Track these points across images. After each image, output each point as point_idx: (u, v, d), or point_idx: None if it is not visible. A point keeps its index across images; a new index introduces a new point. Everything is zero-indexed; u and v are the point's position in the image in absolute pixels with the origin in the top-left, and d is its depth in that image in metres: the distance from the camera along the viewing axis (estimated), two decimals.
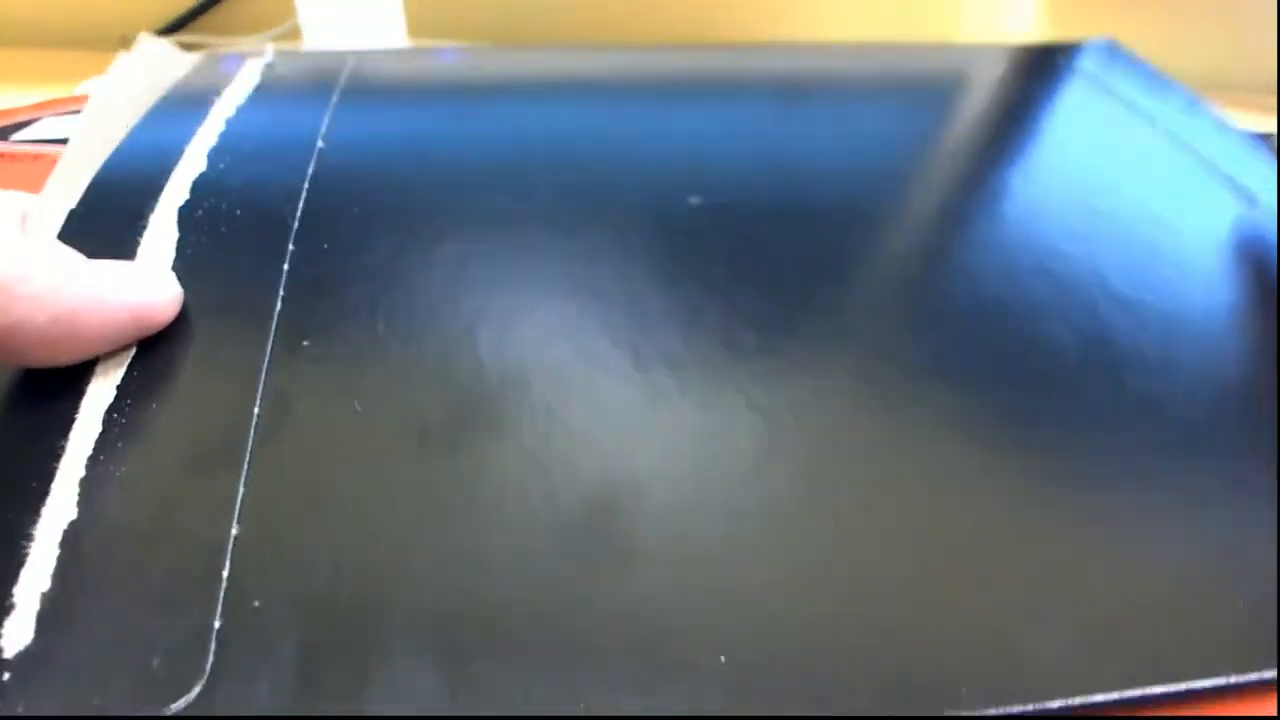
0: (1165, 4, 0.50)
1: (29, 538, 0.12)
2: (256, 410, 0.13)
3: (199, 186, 0.18)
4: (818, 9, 0.50)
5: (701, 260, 0.17)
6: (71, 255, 0.14)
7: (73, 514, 0.12)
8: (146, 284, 0.15)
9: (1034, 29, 0.51)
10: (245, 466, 0.12)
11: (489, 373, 0.15)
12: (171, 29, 0.45)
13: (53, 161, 0.29)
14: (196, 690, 0.10)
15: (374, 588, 0.11)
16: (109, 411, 0.13)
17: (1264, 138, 0.34)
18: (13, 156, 0.29)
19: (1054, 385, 0.15)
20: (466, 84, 0.24)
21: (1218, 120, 0.26)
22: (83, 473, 0.12)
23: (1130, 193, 0.21)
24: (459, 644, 0.11)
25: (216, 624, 0.11)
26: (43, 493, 0.12)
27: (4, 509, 0.12)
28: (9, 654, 0.10)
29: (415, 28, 0.41)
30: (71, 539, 0.12)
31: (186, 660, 0.10)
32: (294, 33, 0.41)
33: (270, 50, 0.25)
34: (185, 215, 0.17)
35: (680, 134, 0.21)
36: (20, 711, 0.10)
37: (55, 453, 0.13)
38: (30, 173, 0.28)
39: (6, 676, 0.10)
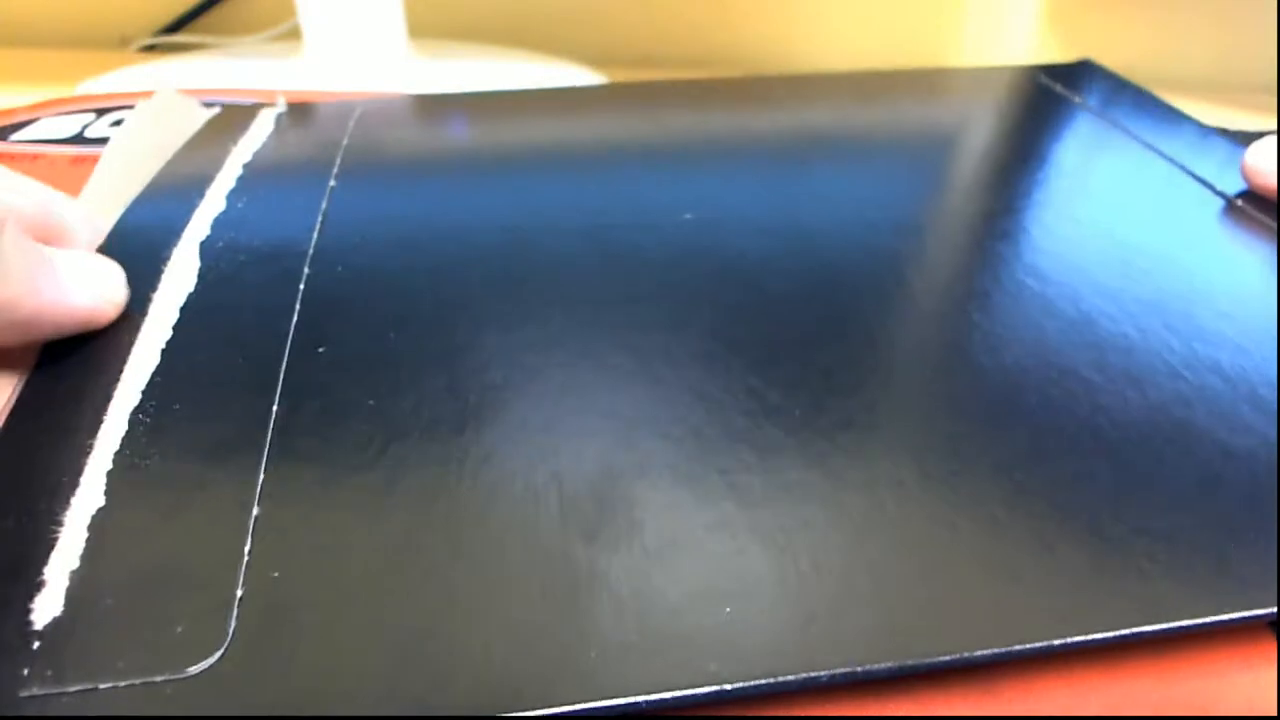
0: (1165, 4, 0.50)
1: (59, 524, 0.12)
2: (275, 407, 0.15)
3: (219, 224, 0.20)
4: (817, 12, 0.50)
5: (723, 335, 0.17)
6: (29, 262, 0.15)
7: (100, 502, 0.13)
8: (96, 292, 0.17)
9: (1035, 31, 0.51)
10: (265, 455, 0.14)
11: (493, 370, 0.16)
12: (171, 29, 0.45)
13: (52, 161, 0.29)
14: (219, 653, 0.11)
15: (386, 556, 0.12)
16: (134, 413, 0.14)
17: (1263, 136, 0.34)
18: (12, 156, 0.29)
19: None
20: (469, 161, 0.24)
21: (1230, 149, 0.26)
22: (110, 466, 0.13)
23: (1162, 243, 0.21)
24: (486, 589, 0.12)
25: (239, 593, 0.12)
26: (72, 485, 0.13)
27: (35, 500, 0.13)
28: (39, 625, 0.11)
29: (415, 28, 0.41)
30: (99, 524, 0.13)
31: (209, 626, 0.11)
32: (294, 33, 0.41)
33: (282, 101, 0.27)
34: (206, 246, 0.19)
35: (689, 206, 0.21)
36: (49, 675, 0.11)
37: (84, 450, 0.14)
38: (30, 173, 0.28)
39: (37, 645, 0.11)
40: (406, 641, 0.11)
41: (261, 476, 0.13)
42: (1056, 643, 0.12)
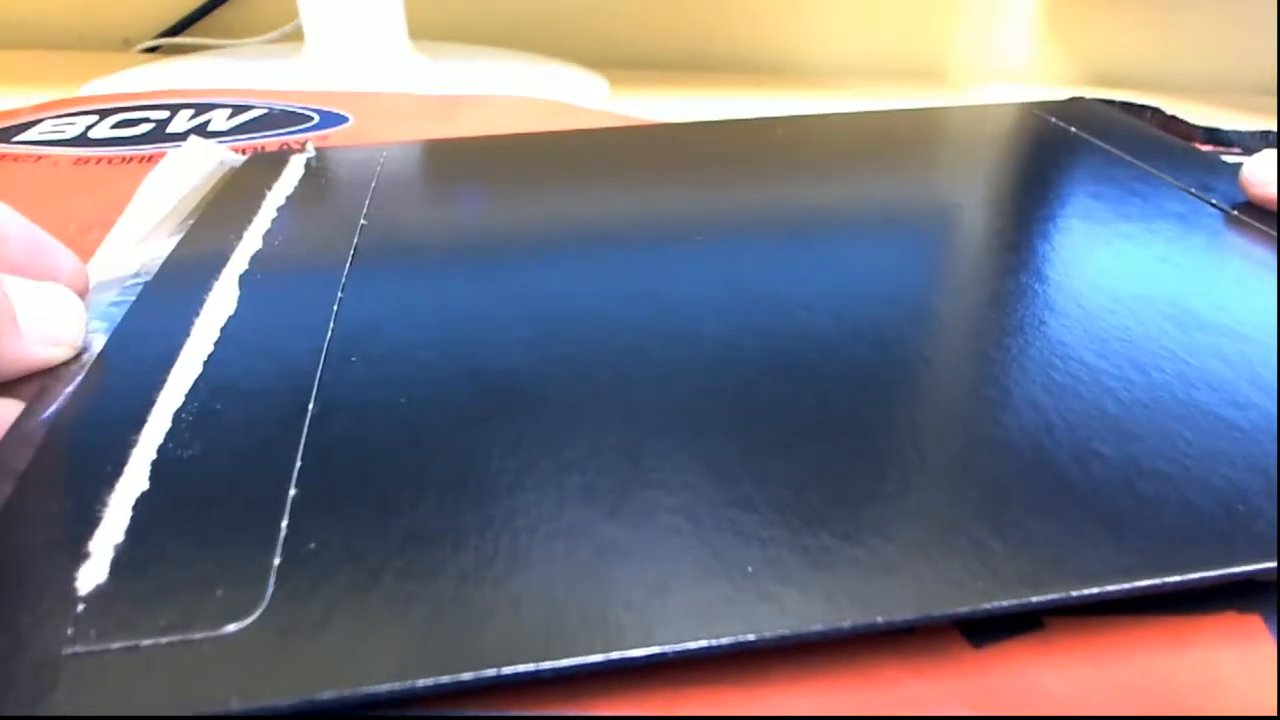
0: (1165, 5, 0.50)
1: (104, 504, 0.14)
2: (310, 405, 0.16)
3: (256, 259, 0.22)
4: (816, 13, 0.50)
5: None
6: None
7: (144, 486, 0.14)
8: (54, 344, 0.17)
9: (1032, 34, 0.51)
10: (301, 445, 0.15)
11: (521, 368, 0.17)
12: (174, 31, 0.45)
13: (55, 163, 0.30)
14: (257, 613, 0.12)
15: (417, 527, 0.13)
16: (178, 412, 0.16)
17: (1263, 135, 0.34)
18: (15, 158, 0.30)
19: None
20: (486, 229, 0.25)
21: (1222, 165, 0.27)
22: (154, 456, 0.15)
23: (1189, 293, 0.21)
24: (499, 573, 0.13)
25: (275, 561, 0.13)
26: (117, 473, 0.14)
27: (82, 485, 0.14)
28: (83, 591, 0.12)
29: (416, 29, 0.41)
30: (143, 504, 0.14)
31: (247, 590, 0.12)
32: (296, 34, 0.41)
33: (311, 146, 0.29)
34: (245, 278, 0.21)
35: (695, 293, 0.21)
36: (92, 634, 0.11)
37: (129, 443, 0.15)
38: (33, 174, 0.28)
39: (81, 608, 0.12)
40: (434, 612, 0.12)
41: (298, 463, 0.14)
42: (1075, 595, 0.13)
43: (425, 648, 0.12)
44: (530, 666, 0.11)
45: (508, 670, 0.11)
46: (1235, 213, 0.24)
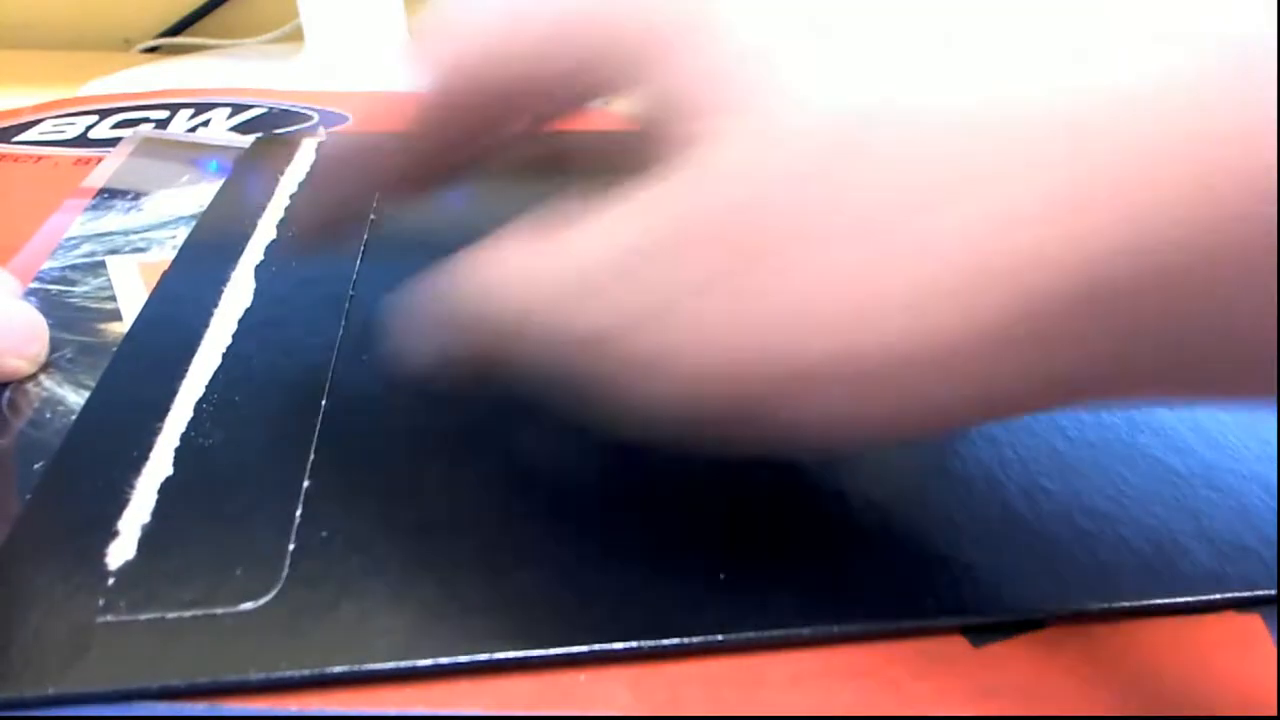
0: None
1: (131, 487, 0.15)
2: (324, 401, 0.17)
3: (271, 249, 0.23)
4: None
5: None
6: None
7: (169, 472, 0.15)
8: (20, 357, 0.18)
9: None
10: (315, 437, 0.16)
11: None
12: (174, 31, 0.45)
13: (55, 163, 0.30)
14: (273, 593, 0.13)
15: (421, 519, 0.14)
16: (199, 402, 0.17)
17: None
18: (15, 158, 0.30)
19: None
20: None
21: None
22: (177, 444, 0.16)
23: None
24: (497, 563, 0.14)
25: (291, 546, 0.14)
26: (142, 459, 0.15)
27: (110, 470, 0.15)
28: (113, 566, 0.13)
29: (416, 30, 0.41)
30: (168, 489, 0.15)
31: (264, 571, 0.13)
32: (296, 34, 0.41)
33: (323, 131, 0.30)
34: (260, 269, 0.22)
35: None
36: (122, 605, 0.13)
37: (153, 431, 0.16)
38: (33, 174, 0.28)
39: (111, 581, 0.13)
40: (430, 601, 0.13)
41: (312, 456, 0.15)
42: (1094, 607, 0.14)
43: (426, 631, 0.13)
44: (518, 654, 0.12)
45: (500, 656, 0.12)
46: None
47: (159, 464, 0.15)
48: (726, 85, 0.11)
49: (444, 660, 0.12)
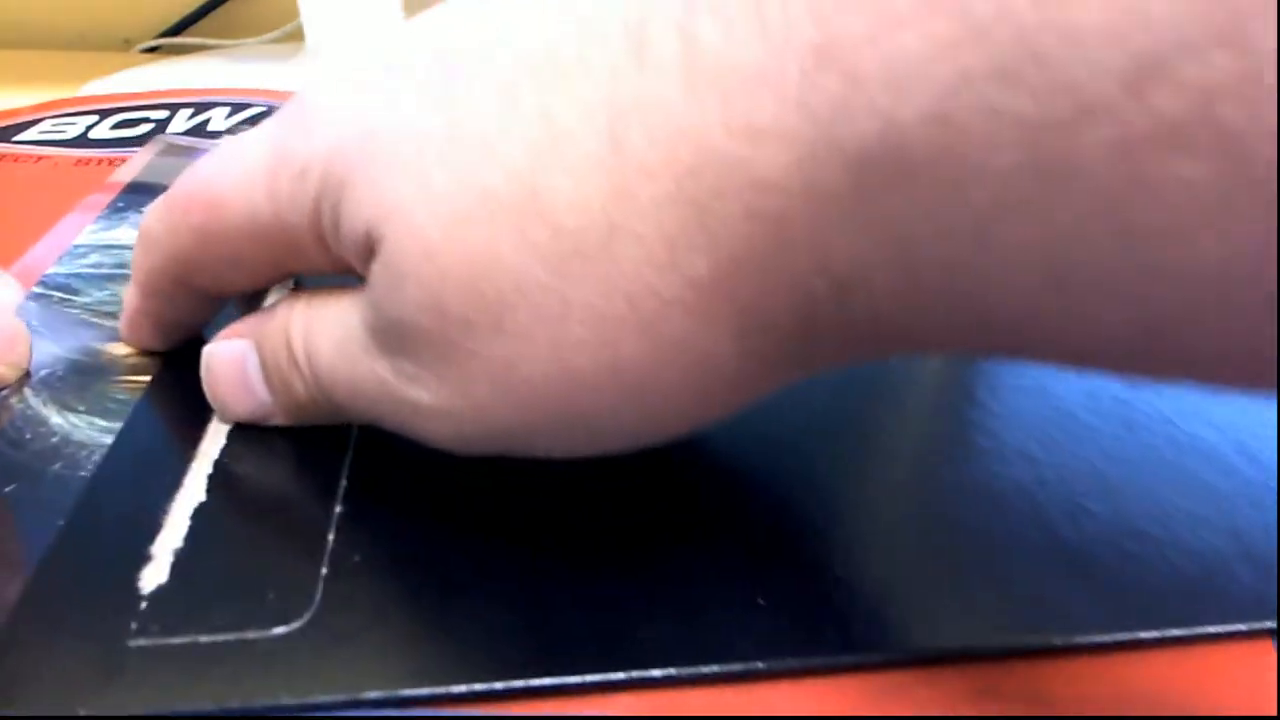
0: None
1: (165, 513, 0.15)
2: (355, 428, 0.17)
3: (301, 280, 0.23)
4: None
5: None
6: None
7: (202, 498, 0.15)
8: (2, 363, 0.18)
9: None
10: (347, 462, 0.16)
11: None
12: (174, 31, 0.45)
13: (55, 163, 0.30)
14: (306, 618, 0.13)
15: (455, 545, 0.14)
16: (232, 430, 0.16)
17: None
18: (15, 158, 0.30)
19: None
20: None
21: None
22: (210, 470, 0.16)
23: None
24: (533, 589, 0.14)
25: (323, 571, 0.14)
26: (175, 484, 0.15)
27: (144, 496, 0.15)
28: (146, 591, 0.13)
29: None
30: (200, 514, 0.15)
31: (297, 596, 0.13)
32: (296, 34, 0.41)
33: None
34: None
35: None
36: (154, 628, 0.13)
37: (186, 458, 0.16)
38: (33, 174, 0.28)
39: (144, 605, 0.13)
40: (465, 627, 0.13)
41: (344, 482, 0.15)
42: (1102, 639, 0.13)
43: (462, 657, 0.13)
44: (555, 680, 0.12)
45: (535, 683, 0.12)
46: None
47: (192, 490, 0.15)
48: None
49: (479, 687, 0.12)
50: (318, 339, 0.14)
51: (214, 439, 0.16)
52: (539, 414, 0.12)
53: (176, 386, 0.18)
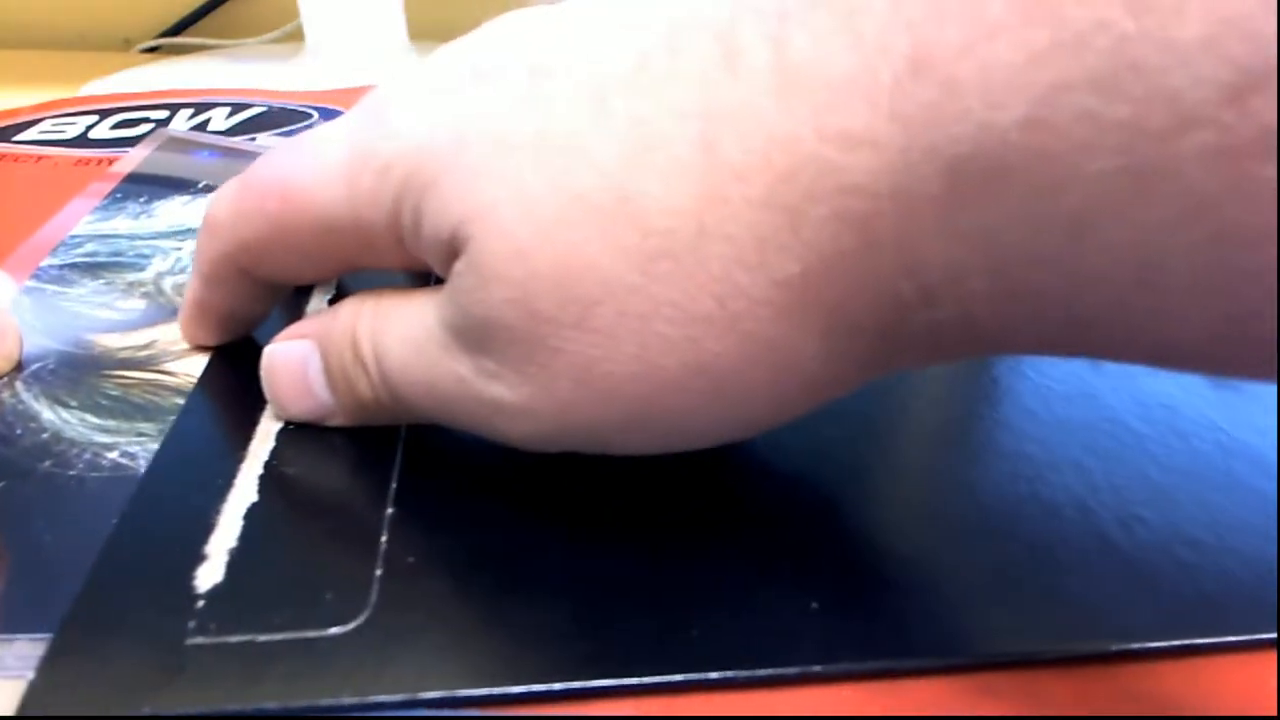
0: None
1: (218, 513, 0.15)
2: (404, 428, 0.17)
3: (342, 284, 0.22)
4: None
5: None
6: None
7: (254, 498, 0.15)
8: None
9: None
10: (397, 464, 0.16)
11: None
12: (174, 31, 0.46)
13: (55, 163, 0.30)
14: (362, 617, 0.13)
15: (508, 544, 0.14)
16: (280, 431, 0.16)
17: None
18: (15, 158, 0.30)
19: None
20: None
21: None
22: (261, 471, 0.15)
23: None
24: (588, 588, 0.14)
25: (378, 572, 0.14)
26: (227, 486, 0.15)
27: (196, 498, 0.15)
28: (202, 590, 0.13)
29: (415, 30, 0.41)
30: (253, 515, 0.15)
31: (353, 596, 0.13)
32: (296, 34, 0.41)
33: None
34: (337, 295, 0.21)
35: None
36: (212, 627, 0.12)
37: (237, 459, 0.16)
38: (33, 174, 0.28)
39: (201, 604, 0.13)
40: (523, 627, 0.13)
41: (394, 483, 0.15)
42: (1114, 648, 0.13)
43: (519, 657, 0.13)
44: (613, 682, 0.12)
45: (594, 684, 0.12)
46: None
47: (244, 491, 0.15)
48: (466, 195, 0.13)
49: (538, 687, 0.12)
50: (387, 339, 0.14)
51: (263, 440, 0.16)
52: (620, 411, 0.13)
53: (224, 386, 0.18)
